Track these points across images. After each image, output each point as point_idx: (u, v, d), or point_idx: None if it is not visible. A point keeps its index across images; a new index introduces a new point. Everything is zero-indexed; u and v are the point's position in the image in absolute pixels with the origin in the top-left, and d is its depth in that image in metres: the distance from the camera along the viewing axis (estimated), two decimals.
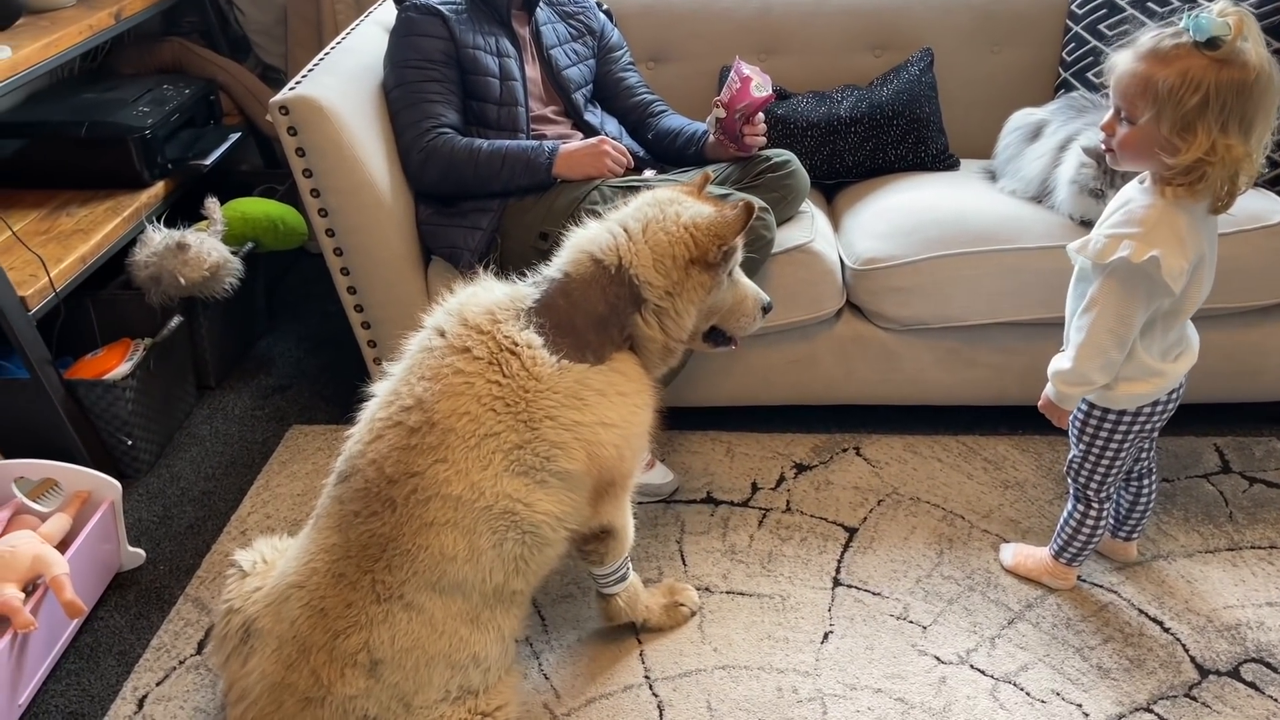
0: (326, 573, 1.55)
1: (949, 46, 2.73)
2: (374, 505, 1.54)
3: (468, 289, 1.69)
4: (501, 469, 1.54)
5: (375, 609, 1.52)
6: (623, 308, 1.64)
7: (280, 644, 1.55)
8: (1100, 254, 1.59)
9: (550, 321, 1.61)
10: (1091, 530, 1.92)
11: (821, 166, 2.60)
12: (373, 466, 1.56)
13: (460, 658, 1.58)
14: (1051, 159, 2.30)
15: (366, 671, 1.52)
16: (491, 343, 1.58)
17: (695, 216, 1.65)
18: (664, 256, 1.63)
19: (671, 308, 1.66)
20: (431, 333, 1.64)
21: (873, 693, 1.82)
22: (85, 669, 1.93)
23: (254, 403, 2.71)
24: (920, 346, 2.36)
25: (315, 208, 2.22)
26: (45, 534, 1.94)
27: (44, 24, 2.49)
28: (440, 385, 1.56)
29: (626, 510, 1.79)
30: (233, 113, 3.20)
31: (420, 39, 2.25)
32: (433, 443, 1.53)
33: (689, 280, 1.65)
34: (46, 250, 2.29)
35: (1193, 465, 2.33)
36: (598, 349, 1.63)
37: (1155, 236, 1.55)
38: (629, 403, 1.64)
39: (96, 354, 2.42)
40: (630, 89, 2.54)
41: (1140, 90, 1.52)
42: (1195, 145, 1.49)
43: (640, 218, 1.67)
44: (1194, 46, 1.48)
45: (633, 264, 1.63)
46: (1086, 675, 1.84)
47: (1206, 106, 1.47)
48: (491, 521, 1.54)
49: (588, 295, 1.63)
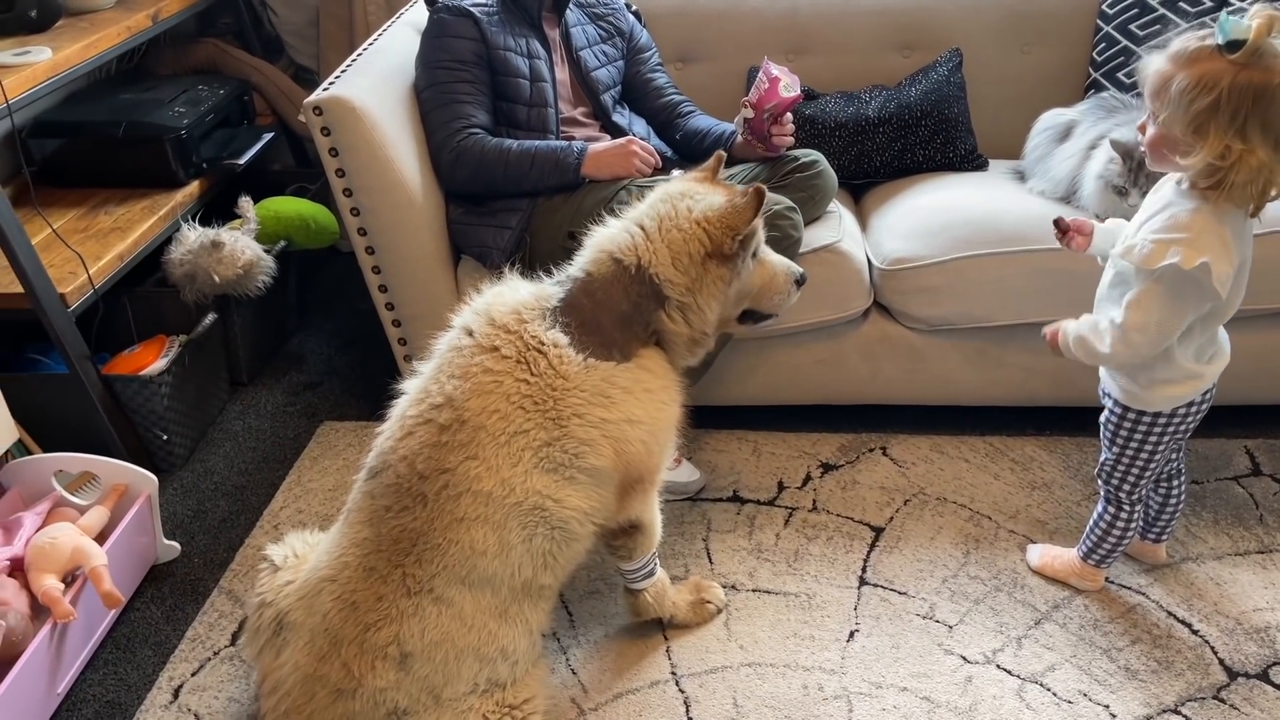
0: (358, 566, 1.57)
1: (978, 46, 2.72)
2: (405, 500, 1.56)
3: (494, 289, 1.71)
4: (531, 465, 1.56)
5: (405, 602, 1.55)
6: (646, 305, 1.65)
7: (312, 636, 1.58)
8: (1148, 259, 1.57)
9: (575, 320, 1.63)
10: (1121, 533, 1.91)
11: (849, 167, 2.60)
12: (404, 462, 1.58)
13: (489, 651, 1.60)
14: (1081, 159, 2.30)
15: (397, 664, 1.54)
16: (519, 342, 1.60)
17: (706, 210, 1.66)
18: (681, 254, 1.65)
19: (694, 302, 1.67)
20: (460, 332, 1.66)
21: (898, 691, 1.82)
22: (122, 659, 1.97)
23: (286, 399, 2.74)
24: (947, 346, 2.36)
25: (347, 207, 2.25)
26: (84, 526, 1.98)
27: (83, 25, 2.54)
28: (470, 384, 1.58)
29: (655, 505, 1.80)
30: (266, 113, 3.24)
31: (452, 40, 2.27)
32: (463, 440, 1.55)
33: (708, 274, 1.66)
34: (85, 248, 2.34)
35: (1223, 467, 2.32)
36: (624, 346, 1.64)
37: (1203, 242, 1.53)
38: (655, 399, 1.66)
39: (133, 350, 2.46)
40: (659, 90, 2.55)
41: (1159, 90, 1.52)
42: (1207, 148, 1.47)
43: (655, 215, 1.69)
44: (1216, 50, 1.46)
45: (652, 263, 1.64)
46: (1114, 676, 1.83)
47: (1218, 109, 1.45)
48: (521, 517, 1.56)
49: (610, 294, 1.65)
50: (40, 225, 2.39)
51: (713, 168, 1.80)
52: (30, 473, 2.10)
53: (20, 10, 2.42)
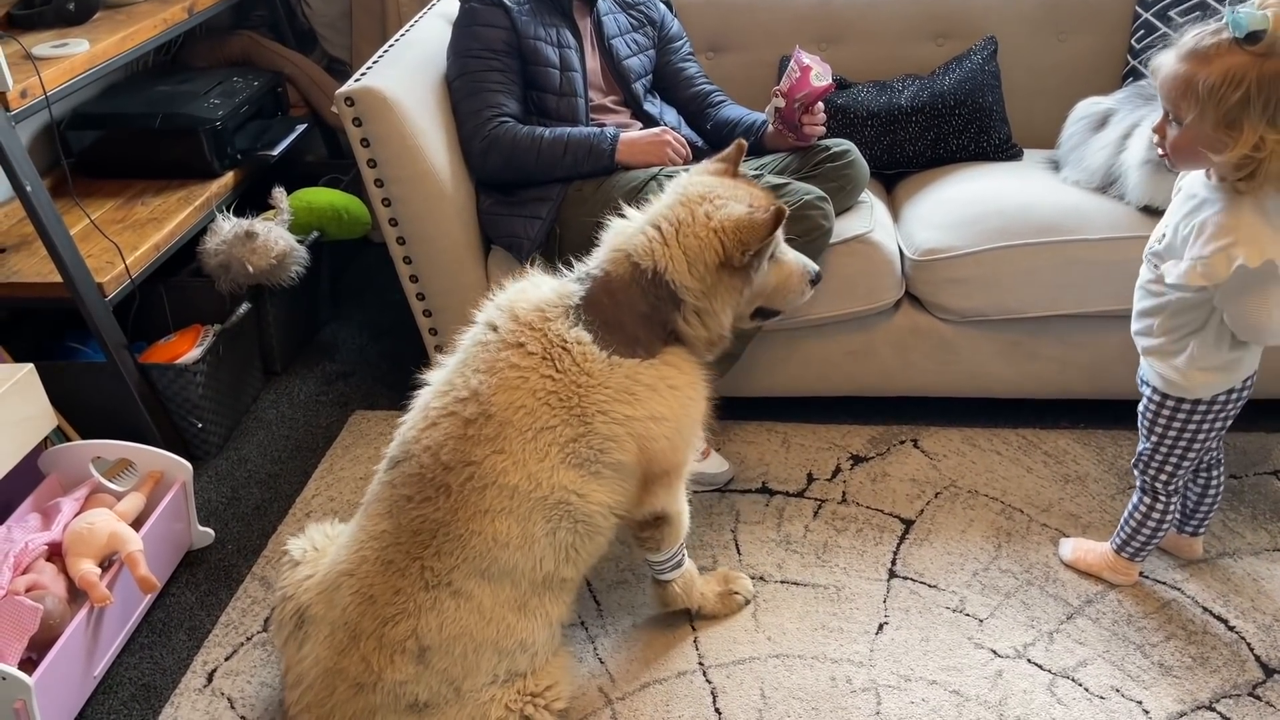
0: (376, 560, 1.58)
1: (1013, 35, 2.69)
2: (428, 490, 1.57)
3: (517, 285, 1.71)
4: (558, 461, 1.57)
5: (423, 596, 1.55)
6: (663, 307, 1.65)
7: (332, 630, 1.59)
8: (1213, 274, 1.54)
9: (598, 318, 1.63)
10: (1156, 525, 1.89)
11: (881, 156, 2.58)
12: (428, 453, 1.59)
13: (508, 644, 1.60)
14: (1116, 148, 2.26)
15: (415, 658, 1.55)
16: (544, 339, 1.61)
17: (724, 219, 1.63)
18: (696, 261, 1.63)
19: (709, 307, 1.66)
20: (484, 327, 1.66)
21: (927, 684, 1.81)
22: (157, 643, 2.00)
23: (318, 388, 2.77)
24: (980, 338, 2.34)
25: (379, 197, 2.26)
26: (121, 512, 2.01)
27: (120, 18, 2.56)
28: (496, 379, 1.58)
29: (681, 497, 1.80)
30: (299, 104, 3.26)
31: (483, 29, 2.28)
32: (490, 434, 1.56)
33: (721, 283, 1.65)
34: (123, 238, 2.37)
35: (1261, 461, 2.28)
36: (647, 343, 1.64)
37: (1256, 237, 1.52)
38: (680, 396, 1.66)
39: (169, 339, 2.49)
40: (690, 79, 2.54)
41: (1183, 91, 1.51)
42: (1241, 141, 1.47)
43: (672, 219, 1.66)
44: (1234, 43, 1.46)
45: (668, 269, 1.63)
46: (1147, 672, 1.81)
47: (1249, 102, 1.45)
48: (546, 511, 1.57)
49: (629, 294, 1.64)
50: (78, 216, 2.42)
51: (733, 158, 1.78)
52: (68, 459, 2.13)
53: (58, 3, 2.45)
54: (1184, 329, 1.68)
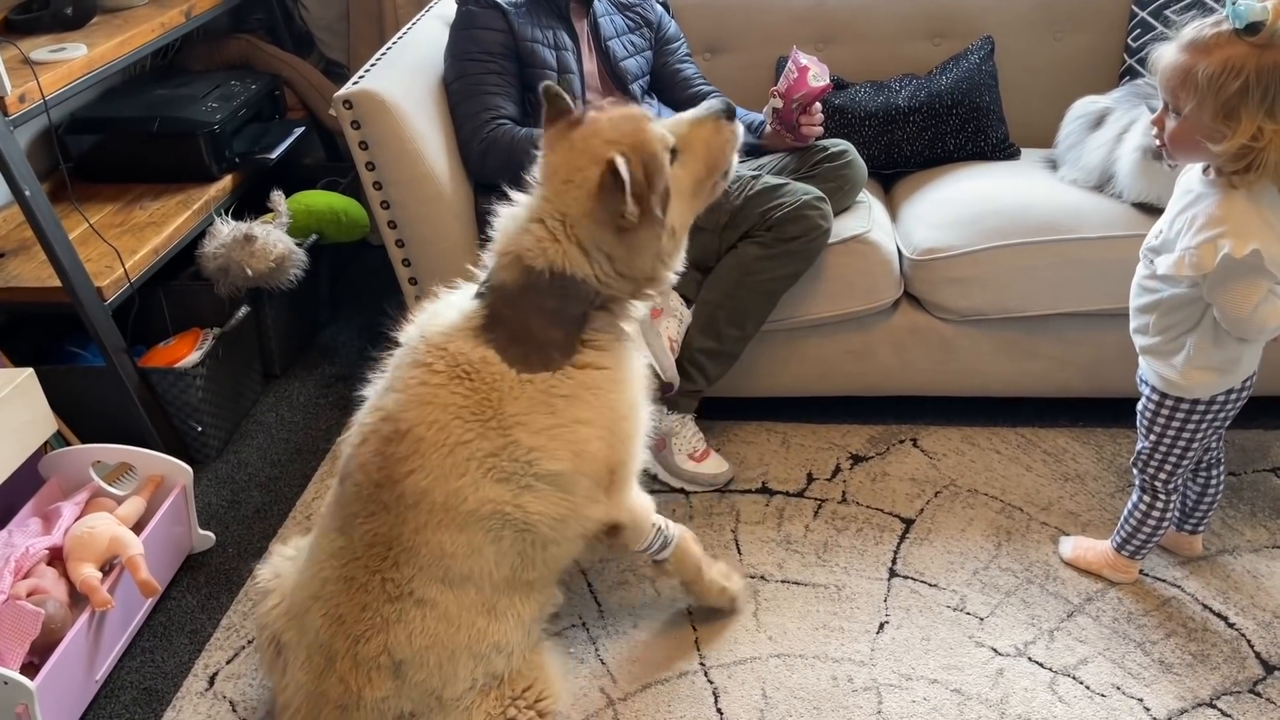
0: (338, 579, 1.56)
1: (1010, 34, 2.69)
2: (370, 507, 1.55)
3: (431, 307, 1.67)
4: (479, 476, 1.52)
5: (389, 609, 1.53)
6: (575, 292, 1.55)
7: (308, 655, 1.58)
8: (1200, 264, 1.56)
9: (503, 334, 1.55)
10: (1156, 523, 1.89)
11: (879, 156, 2.58)
12: (361, 471, 1.56)
13: (481, 648, 1.58)
14: (1113, 147, 2.27)
15: (391, 673, 1.54)
16: (450, 360, 1.55)
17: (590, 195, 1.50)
18: (594, 247, 1.53)
19: (628, 270, 1.57)
20: (404, 349, 1.63)
21: (929, 683, 1.81)
22: (159, 646, 2.00)
23: (318, 391, 2.77)
24: (979, 337, 2.34)
25: (378, 200, 2.26)
26: (121, 516, 2.01)
27: (117, 22, 2.57)
28: (407, 395, 1.55)
29: (631, 502, 1.72)
30: (297, 107, 3.26)
31: (480, 32, 2.28)
32: (405, 451, 1.52)
33: (629, 244, 1.53)
34: (121, 242, 2.37)
35: (1260, 459, 2.28)
36: (562, 343, 1.56)
37: (1244, 228, 1.54)
38: (604, 397, 1.58)
39: (168, 343, 2.49)
40: (687, 80, 2.55)
41: (1182, 81, 1.52)
42: (1240, 131, 1.48)
43: (552, 211, 1.54)
44: (1234, 34, 1.48)
45: (565, 265, 1.53)
46: (1148, 670, 1.82)
47: (1248, 92, 1.47)
48: (482, 522, 1.53)
49: (530, 300, 1.55)
50: (77, 220, 2.42)
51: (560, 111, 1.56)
52: (69, 463, 2.13)
53: (56, 8, 2.46)
54: (1178, 327, 1.69)
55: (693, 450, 2.27)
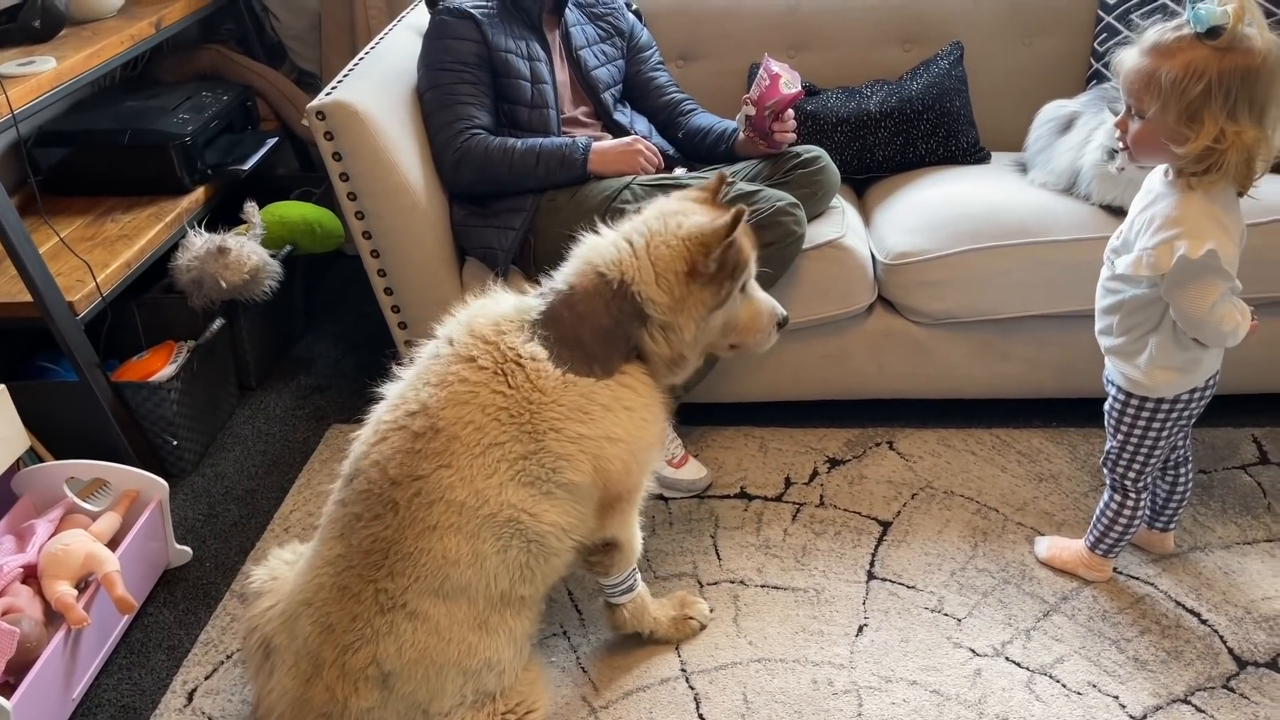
0: (332, 586, 1.56)
1: (979, 39, 2.72)
2: (376, 508, 1.55)
3: (479, 300, 1.69)
4: (507, 478, 1.54)
5: (380, 620, 1.53)
6: (627, 322, 1.62)
7: (296, 661, 1.58)
8: (1157, 265, 1.59)
9: (555, 334, 1.60)
10: (1128, 521, 1.92)
11: (852, 162, 2.60)
12: (376, 468, 1.56)
13: (472, 664, 1.58)
14: (1082, 150, 2.29)
15: (379, 684, 1.54)
16: (497, 353, 1.58)
17: (691, 228, 1.62)
18: (666, 272, 1.61)
19: (675, 322, 1.63)
20: (441, 341, 1.65)
21: (908, 685, 1.83)
22: (136, 663, 1.98)
23: (294, 403, 2.76)
24: (952, 340, 2.37)
25: (352, 210, 2.26)
26: (96, 532, 1.99)
27: (86, 34, 2.55)
28: (446, 393, 1.56)
29: (633, 524, 1.78)
30: (269, 118, 3.25)
31: (453, 42, 2.28)
32: (437, 448, 1.54)
33: (690, 296, 1.62)
34: (93, 256, 2.35)
35: (1230, 456, 2.31)
36: (605, 361, 1.61)
37: (1200, 229, 1.56)
38: (636, 417, 1.63)
39: (142, 356, 2.47)
40: (660, 88, 2.56)
41: (1145, 84, 1.55)
42: (1203, 133, 1.51)
43: (644, 231, 1.65)
44: (1195, 38, 1.51)
45: (635, 280, 1.61)
46: (1123, 667, 1.84)
47: (1210, 95, 1.49)
48: (495, 529, 1.55)
49: (592, 308, 1.61)
50: (47, 234, 2.40)
51: (714, 187, 1.75)
52: (42, 480, 2.11)
53: (24, 20, 2.44)
54: (1141, 327, 1.71)
55: (671, 456, 2.28)
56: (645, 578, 1.93)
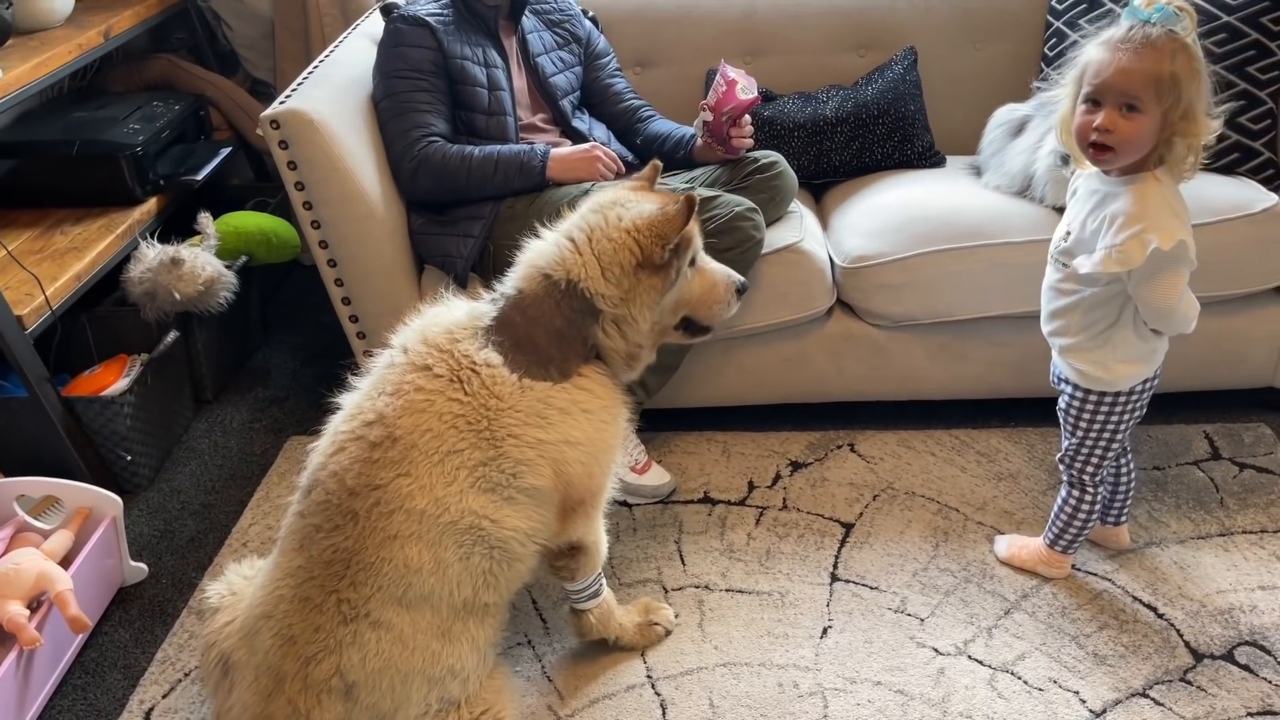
0: (292, 598, 1.54)
1: (932, 44, 2.75)
2: (336, 518, 1.53)
3: (432, 308, 1.69)
4: (467, 485, 1.53)
5: (342, 631, 1.51)
6: (579, 321, 1.62)
7: (256, 675, 1.55)
8: (1128, 259, 1.61)
9: (509, 339, 1.60)
10: (1087, 516, 1.95)
11: (809, 166, 2.62)
12: (334, 479, 1.55)
13: (436, 672, 1.57)
14: (1034, 153, 2.33)
15: (342, 696, 1.52)
16: (451, 361, 1.57)
17: (636, 218, 1.62)
18: (611, 265, 1.61)
19: (628, 314, 1.63)
20: (395, 350, 1.64)
21: (872, 685, 1.84)
22: (91, 684, 1.94)
23: (252, 415, 2.72)
24: (911, 342, 2.39)
25: (308, 220, 2.24)
26: (48, 551, 1.95)
27: (33, 44, 2.51)
28: (402, 401, 1.55)
29: (598, 527, 1.77)
30: (223, 127, 3.21)
31: (409, 49, 2.27)
32: (395, 457, 1.52)
33: (640, 285, 1.62)
34: (41, 269, 2.30)
35: (1183, 453, 2.36)
36: (561, 364, 1.61)
37: (1164, 222, 1.60)
38: (595, 420, 1.63)
39: (94, 371, 2.43)
40: (618, 94, 2.56)
41: (1149, 81, 1.56)
42: (1199, 126, 1.59)
43: (585, 226, 1.64)
44: (1169, 34, 1.56)
45: (582, 277, 1.60)
46: (1083, 662, 1.86)
47: (1200, 89, 1.58)
48: (458, 536, 1.54)
49: (543, 311, 1.61)
50: None
51: (649, 176, 1.76)
52: None
53: None
54: (1099, 324, 1.75)
55: (634, 462, 2.28)
56: (610, 584, 1.93)
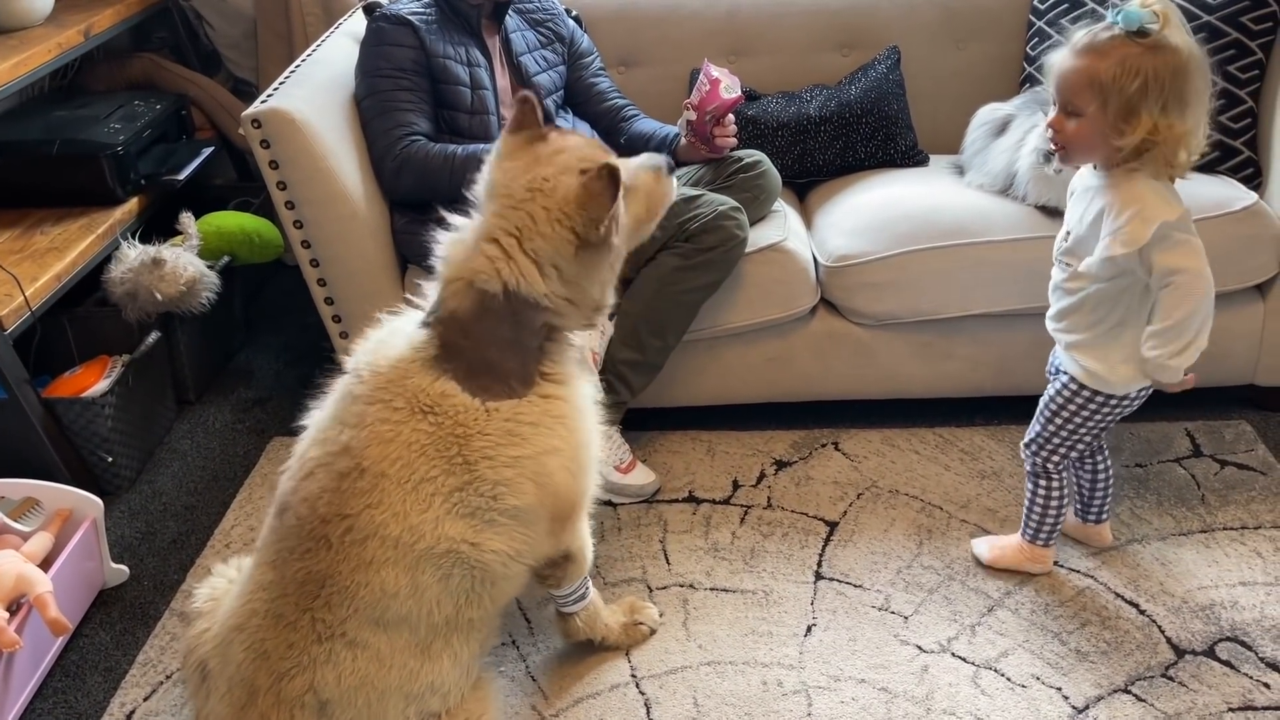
0: (266, 614, 1.51)
1: (915, 44, 2.76)
2: (308, 543, 1.49)
3: (375, 334, 1.62)
4: (443, 512, 1.48)
5: (317, 649, 1.48)
6: (527, 319, 1.52)
7: (229, 687, 1.52)
8: (1134, 238, 1.62)
9: (461, 366, 1.51)
10: (1058, 503, 1.96)
11: (793, 166, 2.62)
12: (305, 504, 1.50)
13: (415, 688, 1.54)
14: (1017, 152, 2.34)
15: (316, 712, 1.49)
16: (407, 395, 1.50)
17: (563, 203, 1.47)
18: (547, 263, 1.49)
19: (575, 294, 1.54)
20: (351, 379, 1.57)
21: (856, 683, 1.84)
22: (72, 687, 1.93)
23: (234, 416, 2.71)
24: (895, 341, 2.39)
25: (290, 219, 2.23)
26: (28, 553, 1.94)
27: (13, 43, 2.49)
28: (366, 433, 1.48)
29: (584, 533, 1.74)
30: (205, 127, 3.19)
31: (391, 48, 2.26)
32: (364, 487, 1.47)
33: (582, 265, 1.51)
34: (21, 269, 2.29)
35: (1164, 450, 2.37)
36: (520, 374, 1.53)
37: (1158, 204, 1.63)
38: (568, 424, 1.57)
39: (74, 372, 2.41)
40: (601, 94, 2.56)
41: (1085, 83, 1.62)
42: (1140, 126, 1.59)
43: (509, 226, 1.49)
44: (1126, 37, 1.58)
45: (519, 284, 1.49)
46: (1065, 659, 1.87)
47: (1146, 90, 1.58)
48: (435, 560, 1.49)
49: (486, 327, 1.51)
50: None
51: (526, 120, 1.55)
52: None
53: None
54: (1107, 321, 1.76)
55: (619, 462, 2.28)
56: (595, 583, 1.92)
